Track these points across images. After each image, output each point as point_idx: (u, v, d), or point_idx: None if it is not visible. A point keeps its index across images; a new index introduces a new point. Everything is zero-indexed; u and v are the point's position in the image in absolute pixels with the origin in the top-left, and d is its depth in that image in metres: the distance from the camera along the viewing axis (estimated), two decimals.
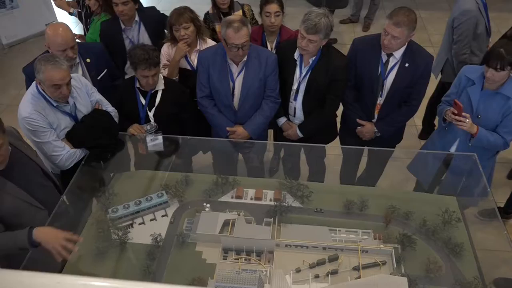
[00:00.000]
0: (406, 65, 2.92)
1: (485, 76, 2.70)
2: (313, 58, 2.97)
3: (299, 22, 2.82)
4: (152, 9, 3.81)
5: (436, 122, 4.07)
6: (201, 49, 3.29)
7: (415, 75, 2.94)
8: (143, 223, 2.66)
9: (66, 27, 2.91)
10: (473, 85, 2.81)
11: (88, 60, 3.12)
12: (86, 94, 2.84)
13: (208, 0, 3.80)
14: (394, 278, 2.23)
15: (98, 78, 3.18)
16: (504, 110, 2.74)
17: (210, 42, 3.37)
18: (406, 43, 2.89)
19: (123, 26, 3.58)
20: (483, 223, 2.97)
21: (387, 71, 2.98)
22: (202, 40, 3.34)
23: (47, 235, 2.13)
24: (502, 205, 3.75)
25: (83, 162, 2.81)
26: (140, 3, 3.74)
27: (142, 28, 3.60)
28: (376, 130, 3.21)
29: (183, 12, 3.17)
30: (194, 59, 3.35)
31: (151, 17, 3.67)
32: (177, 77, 3.34)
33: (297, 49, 2.95)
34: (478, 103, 2.79)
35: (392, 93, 3.03)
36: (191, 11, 3.23)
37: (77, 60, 3.05)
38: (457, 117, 2.73)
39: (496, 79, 2.66)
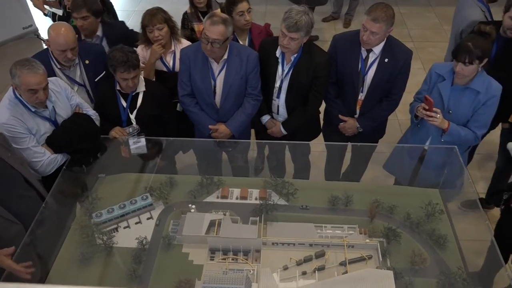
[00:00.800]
0: (386, 60, 2.94)
1: (454, 71, 2.72)
2: (295, 55, 2.97)
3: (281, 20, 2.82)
4: (120, 24, 3.72)
5: None
6: (176, 50, 3.26)
7: (395, 70, 2.96)
8: (128, 226, 2.63)
9: (68, 27, 2.86)
10: (443, 81, 2.83)
11: (87, 61, 3.06)
12: (65, 98, 2.79)
13: (186, 0, 3.77)
14: (381, 271, 2.26)
15: (96, 79, 3.12)
16: (475, 105, 2.76)
17: (185, 43, 3.34)
18: (385, 39, 2.91)
19: (83, 38, 3.42)
20: (466, 214, 3.02)
21: (367, 67, 3.00)
22: (177, 40, 3.30)
23: None
24: (483, 196, 3.83)
25: (64, 167, 2.76)
26: (103, 17, 3.51)
27: (104, 42, 3.46)
28: (358, 125, 3.23)
29: (156, 13, 3.13)
30: (169, 60, 3.32)
31: (117, 33, 3.51)
32: (154, 79, 3.30)
33: (279, 47, 2.95)
34: (449, 98, 2.80)
35: (373, 88, 3.05)
36: (164, 12, 3.19)
37: (76, 61, 3.00)
38: (428, 113, 2.75)
39: (466, 74, 2.67)
